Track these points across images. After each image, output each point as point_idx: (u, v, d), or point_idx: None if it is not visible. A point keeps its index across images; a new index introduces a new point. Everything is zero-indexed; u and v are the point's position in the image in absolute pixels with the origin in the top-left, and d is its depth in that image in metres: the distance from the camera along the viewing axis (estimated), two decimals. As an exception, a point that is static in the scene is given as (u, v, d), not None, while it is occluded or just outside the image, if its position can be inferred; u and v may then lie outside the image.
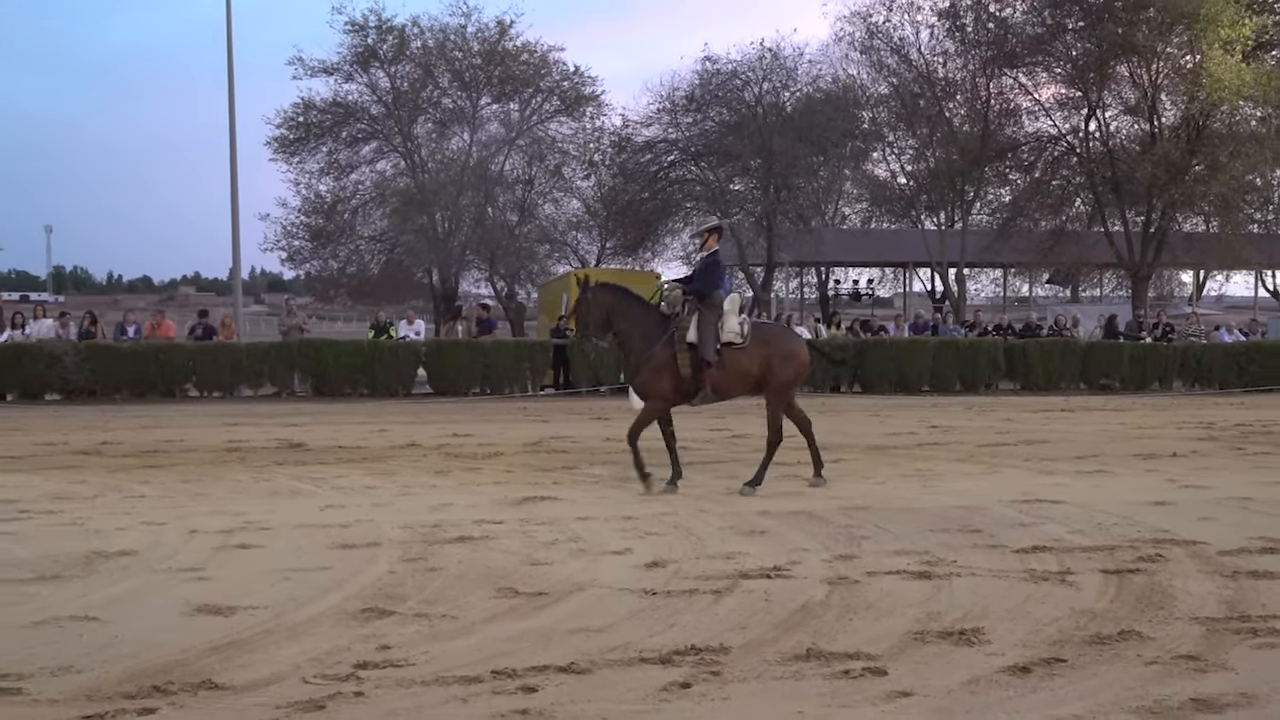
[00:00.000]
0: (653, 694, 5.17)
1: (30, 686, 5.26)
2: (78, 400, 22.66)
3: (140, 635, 6.15)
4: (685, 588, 7.17)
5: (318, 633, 6.21)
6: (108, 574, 7.65)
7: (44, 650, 5.85)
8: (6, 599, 6.96)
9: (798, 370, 11.56)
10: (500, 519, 9.59)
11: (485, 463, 13.46)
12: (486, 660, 5.64)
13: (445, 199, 34.92)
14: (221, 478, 12.09)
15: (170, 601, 6.89)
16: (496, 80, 36.00)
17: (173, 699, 5.08)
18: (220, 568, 7.82)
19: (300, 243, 36.83)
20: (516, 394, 25.18)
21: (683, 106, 36.47)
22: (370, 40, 35.15)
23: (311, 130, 36.08)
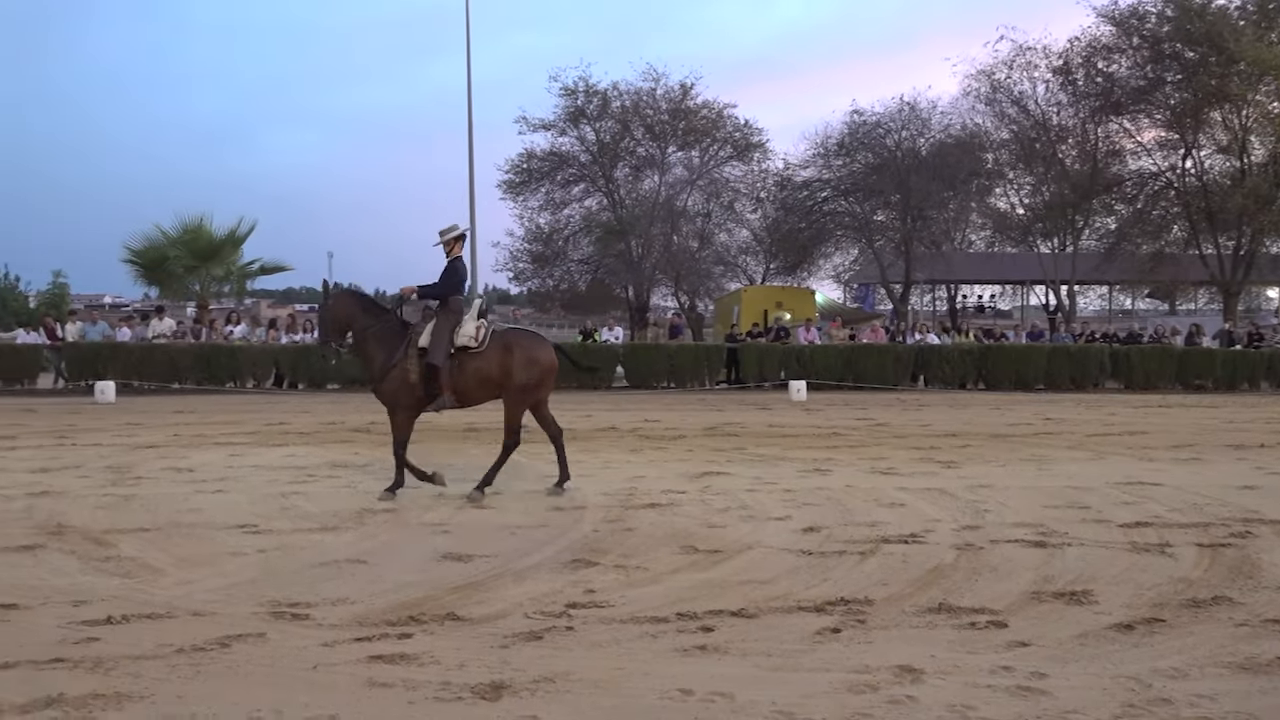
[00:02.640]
0: (808, 636, 5.10)
1: (315, 613, 5.46)
2: (352, 389, 23.45)
3: (399, 576, 6.32)
4: (835, 549, 7.07)
5: (537, 577, 6.30)
6: (375, 526, 7.89)
7: (325, 585, 6.07)
8: (298, 544, 7.24)
9: (541, 375, 9.55)
10: (683, 489, 9.59)
11: (671, 443, 13.48)
12: (672, 604, 5.64)
13: (639, 229, 35.26)
14: (462, 452, 12.34)
15: (422, 549, 7.08)
16: (681, 132, 36.19)
17: (424, 627, 5.21)
18: (461, 523, 8.00)
19: (524, 264, 37.68)
20: (696, 388, 25.17)
21: (834, 151, 36.14)
22: (579, 102, 35.73)
23: (533, 175, 36.89)
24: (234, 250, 29.80)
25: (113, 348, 23.89)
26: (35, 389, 23.49)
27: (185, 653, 4.74)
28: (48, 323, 26.23)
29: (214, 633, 5.04)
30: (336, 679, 4.43)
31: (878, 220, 36.81)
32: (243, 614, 5.43)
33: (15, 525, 7.75)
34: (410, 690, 4.28)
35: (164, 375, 23.19)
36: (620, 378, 25.71)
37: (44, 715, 3.96)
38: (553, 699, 4.21)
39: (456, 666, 4.58)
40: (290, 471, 10.60)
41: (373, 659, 4.67)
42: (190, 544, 7.20)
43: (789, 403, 21.14)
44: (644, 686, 4.35)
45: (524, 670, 4.52)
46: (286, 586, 6.01)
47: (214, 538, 7.42)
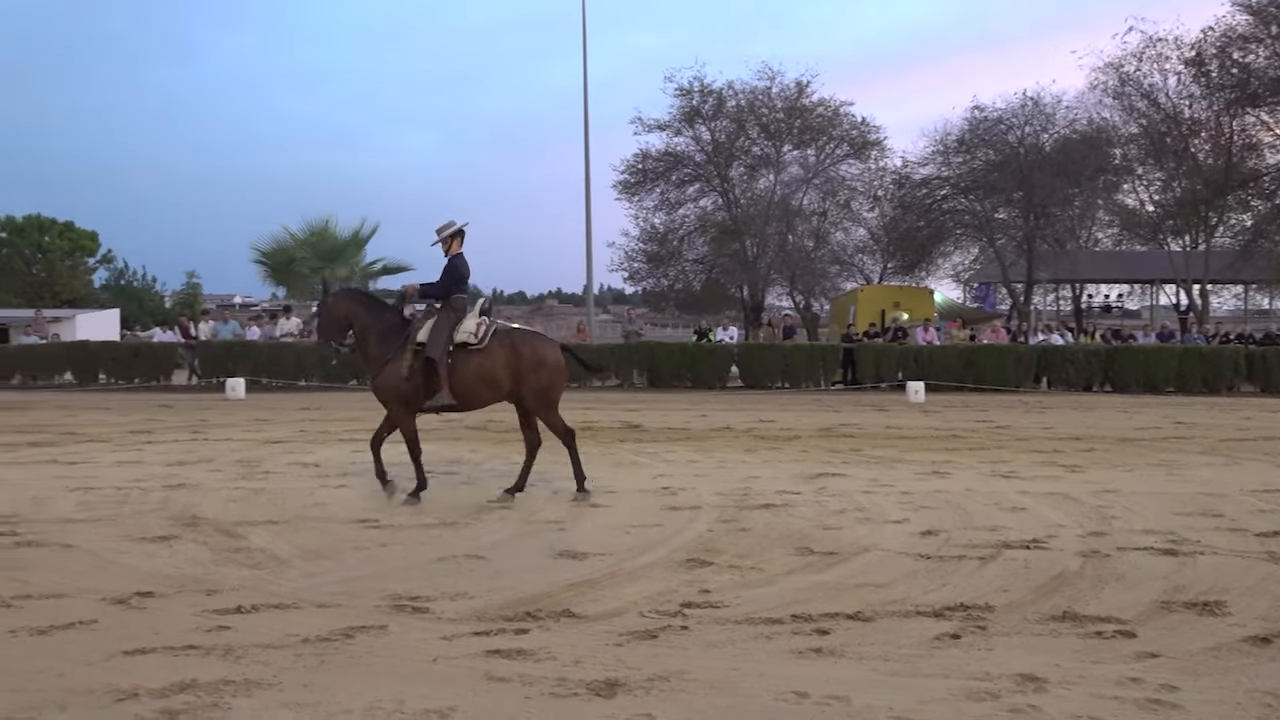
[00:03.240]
0: (926, 641, 5.01)
1: (434, 607, 5.56)
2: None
3: (516, 572, 6.40)
4: (954, 554, 6.93)
5: (651, 576, 6.31)
6: (491, 523, 8.00)
7: (444, 580, 6.17)
8: (417, 539, 7.38)
9: (551, 375, 9.17)
10: (798, 490, 9.52)
11: (785, 444, 13.39)
12: (787, 605, 5.60)
13: (754, 229, 35.16)
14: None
15: (538, 546, 7.15)
16: (796, 131, 35.96)
17: (541, 623, 5.27)
18: (576, 521, 8.06)
19: (639, 264, 37.88)
20: (811, 388, 24.96)
21: (954, 148, 35.43)
22: (694, 102, 35.78)
23: (648, 175, 37.06)
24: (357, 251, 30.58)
25: (243, 346, 24.71)
26: (170, 385, 24.43)
27: (310, 643, 4.88)
28: (182, 322, 27.32)
29: (338, 624, 5.18)
30: (455, 672, 4.50)
31: (999, 218, 35.95)
32: (365, 606, 5.56)
33: (152, 517, 8.07)
34: (527, 685, 4.33)
35: (291, 373, 23.90)
36: (735, 378, 25.64)
37: (179, 700, 4.11)
38: (667, 698, 4.22)
39: (572, 663, 4.61)
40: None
41: (490, 653, 4.74)
42: (315, 537, 7.41)
43: (906, 404, 20.81)
44: (759, 687, 4.33)
45: (639, 668, 4.53)
46: (407, 580, 6.14)
47: (337, 531, 7.62)
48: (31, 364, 25.33)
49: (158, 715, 3.95)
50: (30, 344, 26.94)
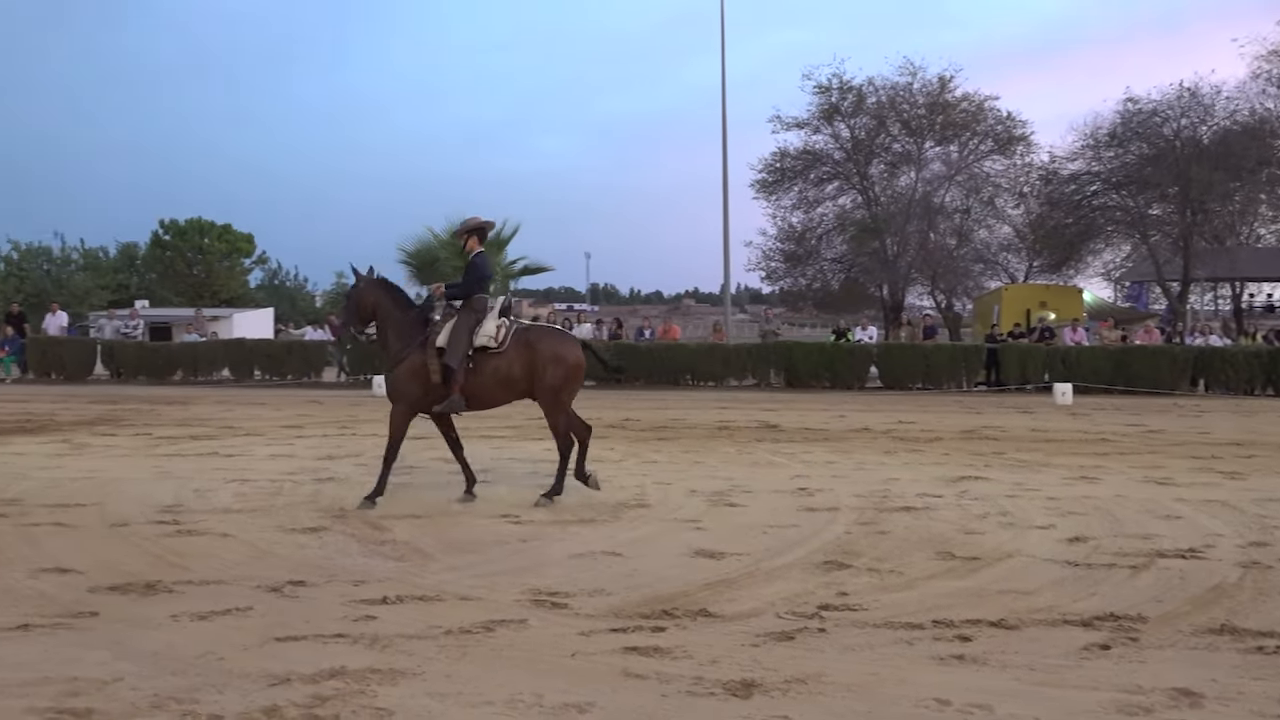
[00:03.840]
0: (1074, 652, 4.85)
1: (573, 603, 5.63)
2: (607, 385, 24.04)
3: (652, 570, 6.44)
4: (1104, 562, 6.69)
5: (789, 577, 6.27)
6: (629, 521, 8.06)
7: (583, 576, 6.24)
8: (556, 535, 7.48)
9: (567, 374, 8.88)
10: (939, 493, 9.33)
11: (926, 446, 13.14)
12: (927, 611, 5.49)
13: (894, 227, 34.59)
14: (714, 450, 12.46)
15: (675, 545, 7.17)
16: (939, 127, 35.22)
17: (678, 621, 5.28)
18: (713, 521, 8.05)
19: (776, 264, 37.63)
20: (953, 389, 24.44)
21: (1105, 142, 34.12)
22: (834, 99, 35.37)
23: (786, 174, 36.78)
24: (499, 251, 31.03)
25: (389, 344, 25.39)
26: (320, 382, 25.30)
27: (453, 634, 4.99)
28: (331, 321, 28.20)
29: (479, 617, 5.28)
30: (593, 668, 4.55)
31: (1153, 214, 34.52)
32: (506, 600, 5.66)
33: (303, 509, 8.37)
34: (664, 683, 4.35)
35: (434, 370, 24.46)
36: (874, 378, 25.29)
37: (328, 686, 4.25)
38: (804, 700, 4.18)
39: (709, 662, 4.61)
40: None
41: (628, 650, 4.77)
42: (457, 531, 7.58)
43: (1053, 406, 20.19)
44: (898, 693, 4.26)
45: (775, 670, 4.50)
46: (546, 575, 6.23)
47: (478, 526, 7.77)
48: (192, 361, 26.52)
49: (308, 700, 4.10)
50: (191, 341, 28.22)
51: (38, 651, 4.72)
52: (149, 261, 61.84)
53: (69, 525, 7.62)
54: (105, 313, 41.90)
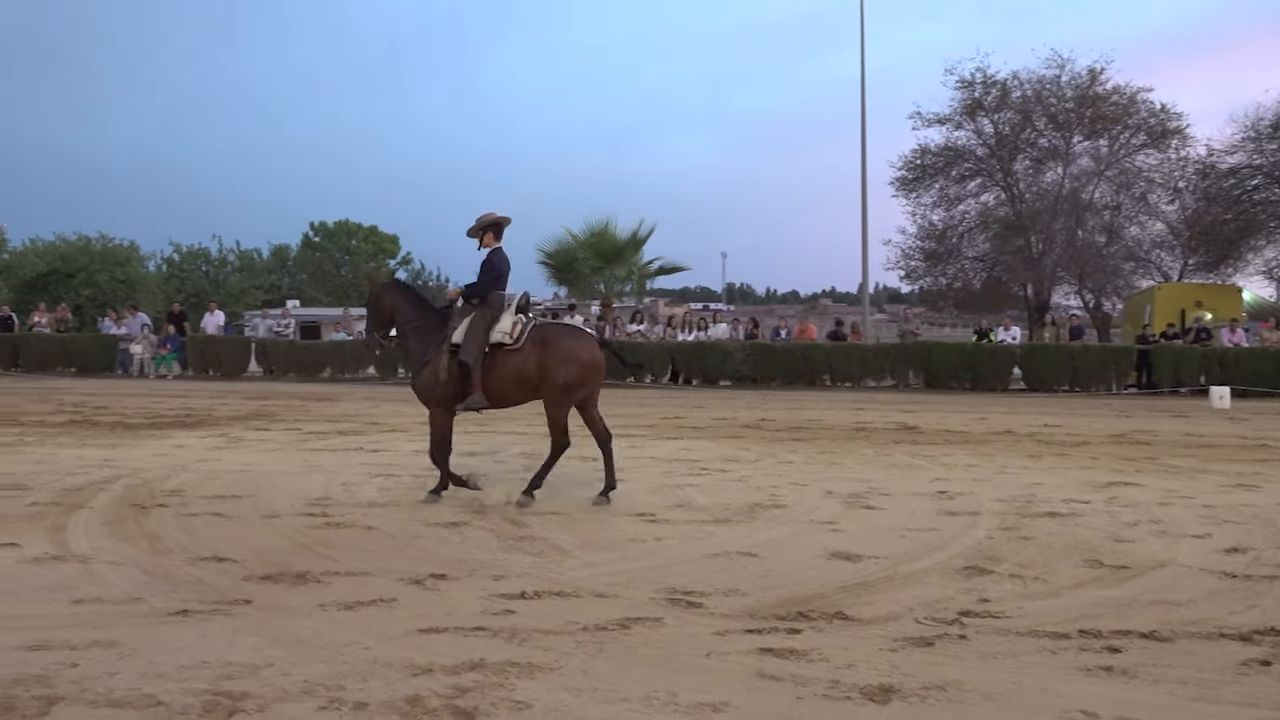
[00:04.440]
0: (1231, 667, 4.63)
1: (708, 602, 5.63)
2: (743, 385, 24.00)
3: (788, 571, 6.39)
4: (1265, 573, 6.38)
5: (928, 582, 6.15)
6: (764, 521, 8.02)
7: (718, 576, 6.23)
8: (691, 535, 7.49)
9: (580, 372, 8.64)
10: (1086, 499, 9.03)
11: (1073, 450, 12.73)
12: (1073, 620, 5.31)
13: (1040, 224, 33.65)
14: (851, 451, 12.31)
15: (811, 546, 7.11)
16: (1087, 120, 34.09)
17: (813, 624, 5.23)
18: (849, 523, 7.96)
19: (915, 262, 36.94)
20: (1101, 392, 23.65)
21: (1267, 134, 32.59)
22: (977, 94, 34.58)
23: (926, 171, 36.11)
24: (635, 251, 31.34)
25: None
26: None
27: (589, 630, 5.04)
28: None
29: (615, 614, 5.33)
30: (728, 668, 4.54)
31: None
32: (641, 598, 5.69)
33: (444, 504, 8.57)
34: (799, 685, 4.31)
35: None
36: (1017, 380, 24.64)
37: (468, 678, 4.34)
38: (944, 708, 4.10)
39: (845, 666, 4.56)
40: (685, 464, 10.99)
41: (763, 651, 4.74)
42: (593, 529, 7.65)
43: (1209, 410, 19.36)
44: (1042, 704, 4.14)
45: (914, 676, 4.42)
46: (681, 575, 6.24)
47: (615, 524, 7.84)
48: (340, 359, 27.39)
49: (449, 691, 4.19)
50: (339, 340, 29.16)
51: (196, 636, 4.94)
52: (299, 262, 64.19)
53: (225, 516, 7.96)
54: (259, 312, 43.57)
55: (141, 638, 4.88)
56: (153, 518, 7.85)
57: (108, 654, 4.62)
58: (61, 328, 30.68)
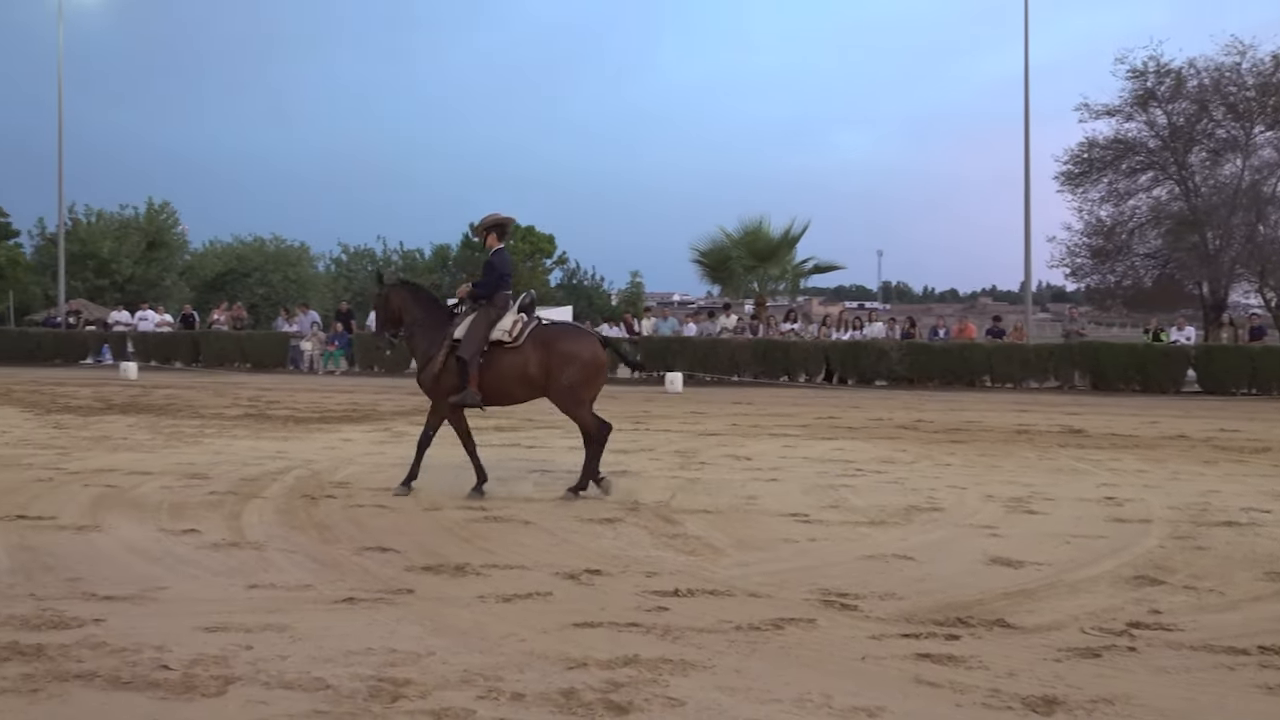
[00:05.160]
0: None
1: (863, 605, 5.54)
2: (899, 385, 23.57)
3: (946, 575, 6.25)
4: None
5: (1094, 591, 5.93)
6: (921, 524, 7.86)
7: (873, 578, 6.14)
8: (846, 536, 7.40)
9: (583, 372, 8.82)
10: (1267, 508, 8.55)
11: (1252, 457, 12.08)
12: (1252, 635, 5.03)
13: (1217, 219, 31.97)
14: (1012, 454, 11.96)
15: (970, 551, 6.93)
16: (1270, 110, 32.25)
17: (972, 630, 5.10)
18: (1011, 528, 7.73)
19: (1081, 260, 35.51)
20: (1285, 395, 22.39)
21: None
22: (1149, 84, 33.05)
23: (1094, 164, 34.67)
24: (789, 250, 31.13)
25: (681, 342, 25.94)
26: (615, 377, 26.04)
27: (742, 630, 5.03)
28: (627, 318, 29.14)
29: (768, 614, 5.30)
30: (884, 672, 4.47)
31: None
32: (795, 599, 5.65)
33: (599, 500, 8.67)
34: (958, 693, 4.21)
35: (725, 368, 24.77)
36: (1191, 382, 23.53)
37: (622, 673, 4.38)
38: (1111, 722, 3.95)
39: (1006, 675, 4.43)
40: (839, 465, 10.86)
41: (920, 656, 4.65)
42: (747, 528, 7.63)
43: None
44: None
45: (1079, 688, 4.26)
46: (836, 576, 6.16)
47: (768, 524, 7.79)
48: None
49: (604, 685, 4.24)
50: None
51: (362, 623, 5.12)
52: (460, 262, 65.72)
53: (389, 508, 8.23)
54: (422, 310, 44.89)
55: (311, 623, 5.08)
56: (321, 508, 8.17)
57: (280, 637, 4.83)
58: (238, 325, 32.23)
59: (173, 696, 4.09)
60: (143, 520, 7.62)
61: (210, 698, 4.08)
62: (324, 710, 3.96)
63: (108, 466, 10.15)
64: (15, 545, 6.77)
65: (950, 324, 28.25)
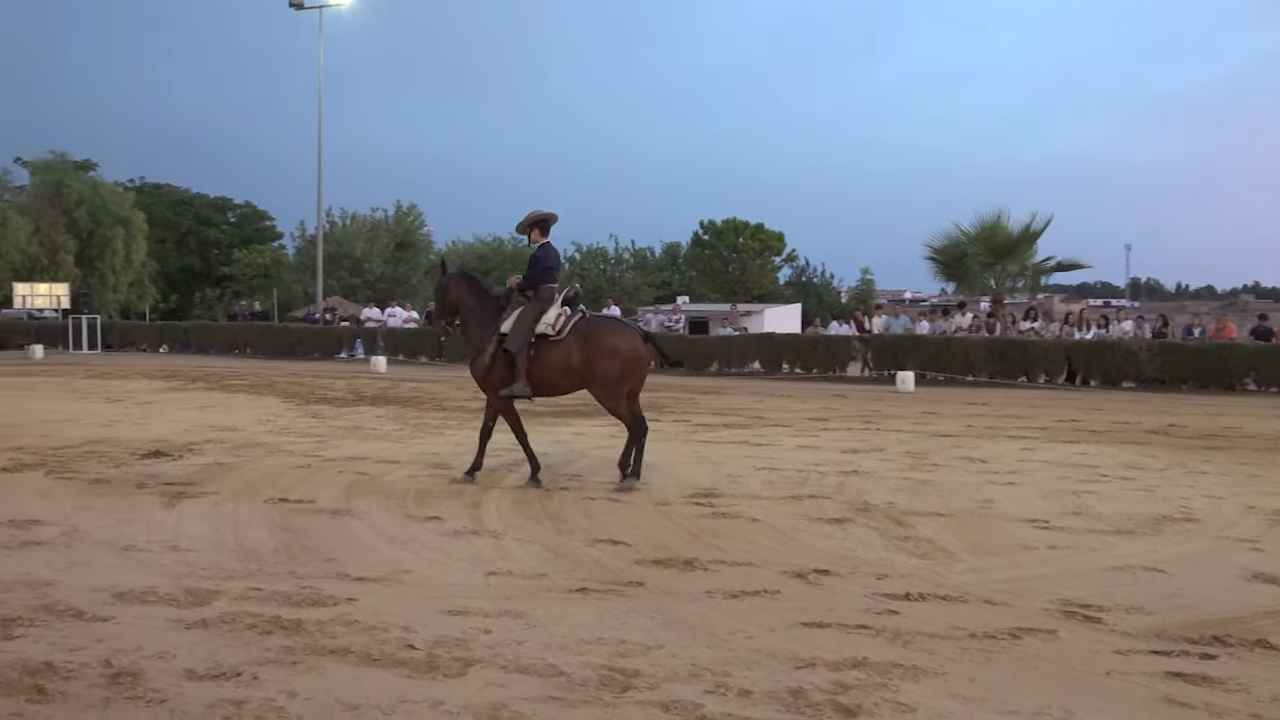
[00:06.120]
0: None
1: (1108, 618, 5.28)
2: (1149, 388, 22.27)
3: (1200, 591, 5.87)
4: None
5: (1372, 614, 5.45)
6: (1173, 535, 7.41)
7: (1119, 590, 5.83)
8: (1089, 545, 7.05)
9: (622, 366, 8.94)
10: None
11: None
12: None
13: None
14: (1276, 464, 11.10)
15: (1228, 566, 6.49)
16: None
17: (1231, 650, 4.77)
18: (1275, 543, 7.16)
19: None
20: None
21: None
22: None
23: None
24: (1029, 246, 29.85)
25: (913, 340, 25.35)
26: (844, 376, 25.75)
27: (976, 638, 4.88)
28: (857, 316, 28.72)
29: (1004, 623, 5.12)
30: (1131, 689, 4.24)
31: None
32: (1033, 608, 5.43)
33: (828, 500, 8.57)
34: (1214, 716, 3.96)
35: (959, 367, 24.05)
36: None
37: (851, 675, 4.33)
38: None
39: (1270, 700, 4.13)
40: (1082, 470, 10.36)
41: (1170, 675, 4.39)
42: (981, 532, 7.38)
43: None
44: None
45: (1354, 718, 3.93)
46: (1078, 587, 5.89)
47: (1004, 529, 7.52)
48: (726, 353, 28.09)
49: (832, 686, 4.20)
50: (725, 336, 29.92)
51: (593, 613, 5.25)
52: (689, 260, 66.45)
53: (620, 501, 8.40)
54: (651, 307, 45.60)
55: (546, 611, 5.25)
56: (555, 499, 8.42)
57: (516, 624, 5.02)
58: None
59: (417, 675, 4.31)
60: (390, 506, 8.06)
61: (451, 678, 4.28)
62: (558, 696, 4.08)
63: (359, 455, 10.79)
64: (278, 526, 7.29)
65: (1206, 322, 26.46)
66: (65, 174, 45.69)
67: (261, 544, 6.75)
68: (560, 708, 3.98)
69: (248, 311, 40.28)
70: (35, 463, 10.00)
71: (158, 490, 8.60)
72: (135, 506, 7.95)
